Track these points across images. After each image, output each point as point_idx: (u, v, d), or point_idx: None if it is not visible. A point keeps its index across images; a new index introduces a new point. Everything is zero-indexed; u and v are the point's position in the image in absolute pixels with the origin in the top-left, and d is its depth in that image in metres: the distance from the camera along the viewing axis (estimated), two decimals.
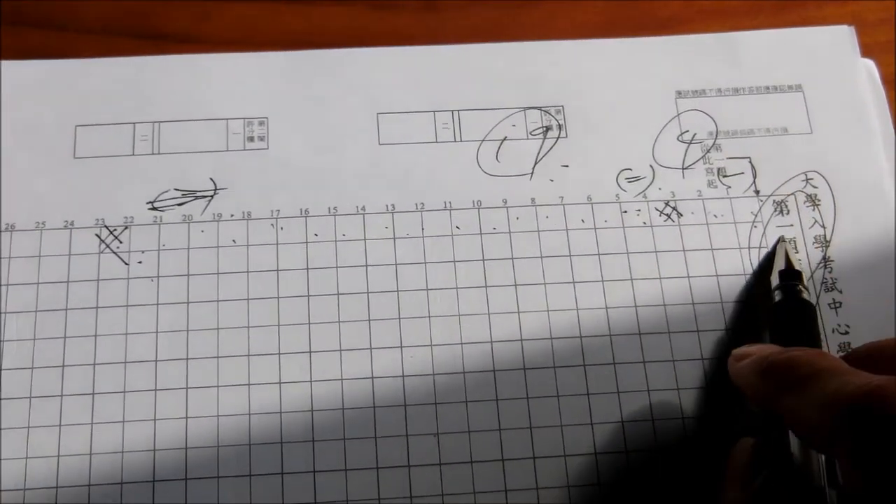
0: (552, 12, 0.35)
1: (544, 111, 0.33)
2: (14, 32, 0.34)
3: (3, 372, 0.28)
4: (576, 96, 0.33)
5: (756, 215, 0.31)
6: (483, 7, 0.35)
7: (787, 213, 0.31)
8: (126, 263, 0.30)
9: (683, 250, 0.31)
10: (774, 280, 0.29)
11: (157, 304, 0.30)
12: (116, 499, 0.27)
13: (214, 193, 0.31)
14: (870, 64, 0.34)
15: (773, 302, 0.29)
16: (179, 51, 0.33)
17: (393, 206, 0.31)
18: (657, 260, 0.31)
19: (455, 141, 0.32)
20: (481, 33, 0.34)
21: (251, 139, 0.32)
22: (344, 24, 0.35)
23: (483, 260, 0.31)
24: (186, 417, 0.28)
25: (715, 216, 0.31)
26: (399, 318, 0.30)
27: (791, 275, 0.29)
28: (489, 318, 0.30)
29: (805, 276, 0.29)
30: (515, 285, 0.30)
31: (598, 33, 0.34)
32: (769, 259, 0.30)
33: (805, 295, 0.28)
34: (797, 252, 0.31)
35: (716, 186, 0.32)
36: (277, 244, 0.31)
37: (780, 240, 0.31)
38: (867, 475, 0.20)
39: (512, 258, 0.31)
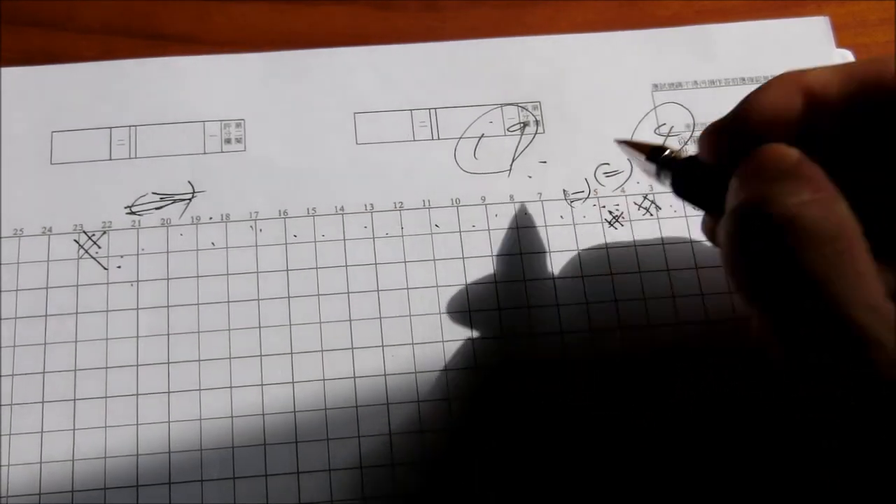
0: (554, 12, 0.35)
1: (521, 107, 0.33)
2: (14, 32, 0.34)
3: None
4: (552, 92, 0.33)
5: None
6: (484, 7, 0.35)
7: None
8: (105, 268, 0.30)
9: (662, 243, 0.31)
10: (650, 169, 0.26)
11: (137, 309, 0.30)
12: None
13: (192, 196, 0.31)
14: (846, 54, 0.34)
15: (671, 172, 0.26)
16: (180, 51, 0.33)
17: (371, 205, 0.31)
18: (636, 253, 0.31)
19: (432, 139, 0.32)
20: (483, 33, 0.34)
21: (228, 141, 0.32)
22: (345, 23, 0.35)
23: (463, 258, 0.31)
24: (169, 421, 0.28)
25: (694, 208, 0.31)
26: (380, 318, 0.30)
27: (659, 149, 0.26)
28: (470, 316, 0.30)
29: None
30: (496, 282, 0.30)
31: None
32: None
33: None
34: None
35: None
36: (256, 246, 0.31)
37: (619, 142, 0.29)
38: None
39: (492, 255, 0.31)
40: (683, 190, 0.26)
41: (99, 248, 0.30)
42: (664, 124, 0.33)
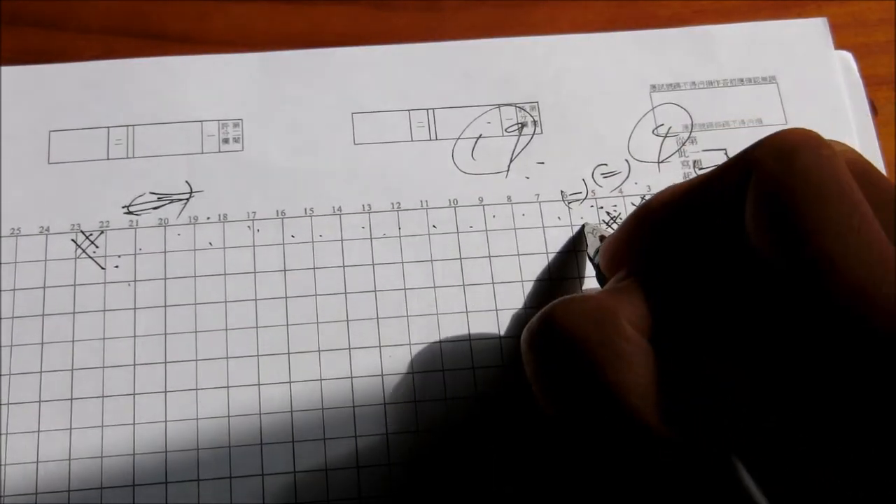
0: (553, 12, 0.35)
1: (519, 108, 0.33)
2: (14, 32, 0.34)
3: None
4: (550, 92, 0.33)
5: None
6: (484, 7, 0.35)
7: None
8: (102, 268, 0.30)
9: None
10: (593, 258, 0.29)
11: (135, 309, 0.30)
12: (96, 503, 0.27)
13: (190, 196, 0.31)
14: (846, 56, 0.34)
15: None
16: (178, 50, 0.33)
17: (369, 205, 0.31)
18: None
19: (430, 139, 0.32)
20: (483, 33, 0.34)
21: (226, 141, 0.32)
22: (344, 23, 0.35)
23: (460, 258, 0.31)
24: (165, 421, 0.28)
25: None
26: (377, 318, 0.30)
27: None
28: (467, 317, 0.30)
29: None
30: (493, 283, 0.30)
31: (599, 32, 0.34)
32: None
33: None
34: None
35: None
36: (254, 246, 0.31)
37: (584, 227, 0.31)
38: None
39: (489, 256, 0.31)
40: (598, 276, 0.28)
41: (96, 247, 0.30)
42: (662, 125, 0.33)
